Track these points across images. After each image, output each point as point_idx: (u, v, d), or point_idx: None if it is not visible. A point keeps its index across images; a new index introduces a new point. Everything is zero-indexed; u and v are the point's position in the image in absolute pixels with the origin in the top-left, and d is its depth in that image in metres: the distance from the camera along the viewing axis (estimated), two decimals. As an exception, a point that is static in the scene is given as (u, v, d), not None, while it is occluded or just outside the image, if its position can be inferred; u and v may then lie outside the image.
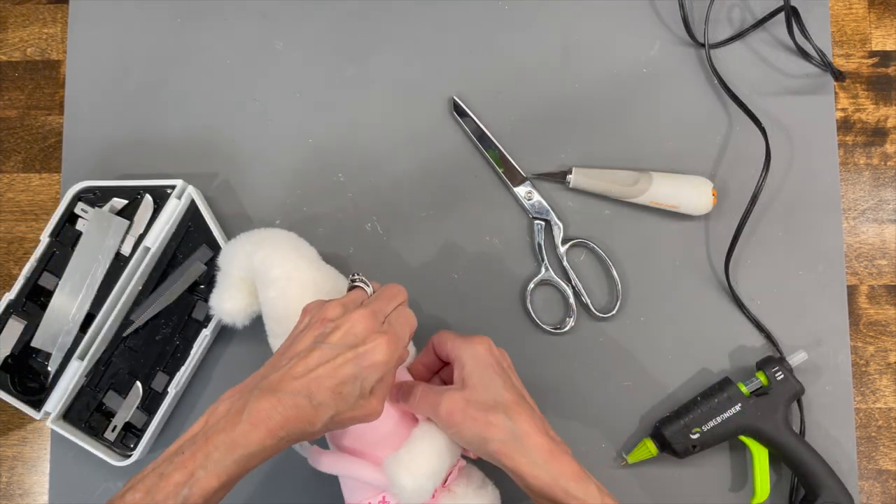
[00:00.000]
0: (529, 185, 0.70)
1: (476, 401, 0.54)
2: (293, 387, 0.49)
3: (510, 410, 0.53)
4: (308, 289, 0.60)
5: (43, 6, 0.75)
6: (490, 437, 0.53)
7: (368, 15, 0.73)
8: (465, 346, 0.56)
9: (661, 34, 0.72)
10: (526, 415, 0.54)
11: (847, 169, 0.72)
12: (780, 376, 0.65)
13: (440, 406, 0.54)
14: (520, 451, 0.52)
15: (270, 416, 0.48)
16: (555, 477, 0.52)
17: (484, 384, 0.54)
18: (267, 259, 0.60)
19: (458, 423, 0.54)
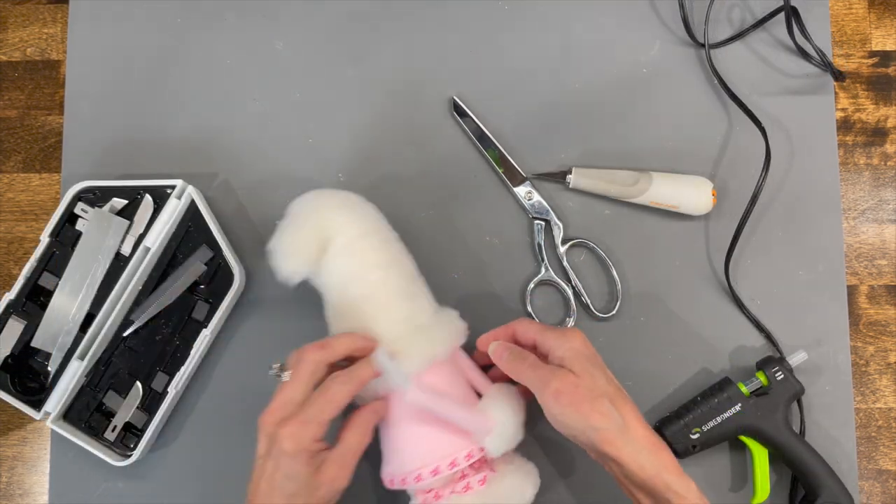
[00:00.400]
0: (529, 185, 0.70)
1: (584, 387, 0.54)
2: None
3: (616, 400, 0.54)
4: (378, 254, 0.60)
5: (43, 6, 0.75)
6: (597, 424, 0.53)
7: (368, 15, 0.73)
8: (562, 339, 0.57)
9: (661, 34, 0.73)
10: (630, 406, 0.55)
11: (847, 169, 0.72)
12: (780, 376, 0.65)
13: (551, 383, 0.55)
14: (625, 440, 0.53)
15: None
16: (658, 469, 0.53)
17: (590, 374, 0.55)
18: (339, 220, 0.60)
19: (565, 405, 0.54)
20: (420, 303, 0.61)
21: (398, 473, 0.59)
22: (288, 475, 0.53)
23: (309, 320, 0.70)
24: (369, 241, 0.61)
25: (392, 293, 0.60)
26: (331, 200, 0.62)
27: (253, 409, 0.69)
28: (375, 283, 0.60)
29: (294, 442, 0.53)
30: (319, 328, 0.70)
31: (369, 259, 0.60)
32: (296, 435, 0.53)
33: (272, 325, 0.70)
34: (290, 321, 0.70)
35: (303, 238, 0.60)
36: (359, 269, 0.60)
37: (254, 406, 0.69)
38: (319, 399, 0.55)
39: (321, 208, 0.61)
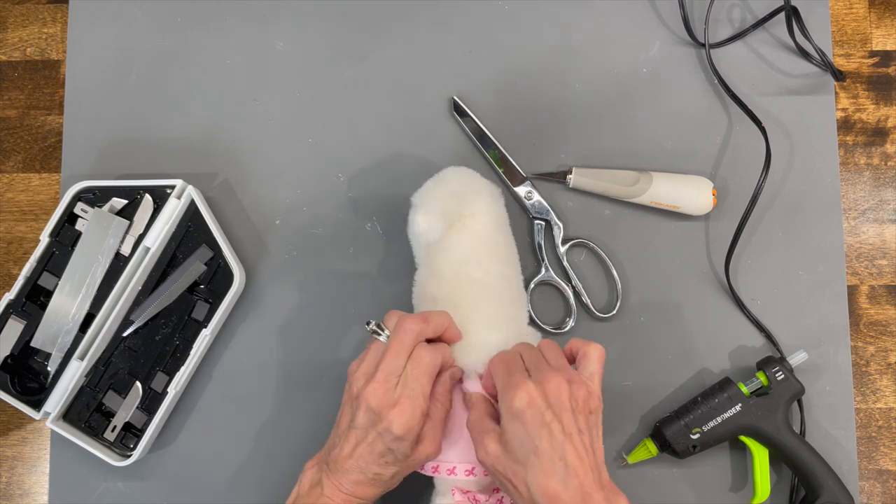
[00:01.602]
0: (529, 185, 0.70)
1: (508, 452, 0.53)
2: (347, 466, 0.55)
3: (533, 469, 0.51)
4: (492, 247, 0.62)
5: (43, 6, 0.75)
6: (512, 491, 0.54)
7: (368, 15, 0.73)
8: (504, 395, 0.55)
9: (661, 34, 0.72)
10: (546, 474, 0.51)
11: (847, 169, 0.72)
12: (781, 376, 0.65)
13: (479, 447, 0.55)
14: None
15: (341, 491, 0.55)
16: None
17: (517, 437, 0.53)
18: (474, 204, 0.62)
19: (490, 470, 0.55)
20: (517, 312, 0.63)
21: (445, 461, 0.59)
22: (393, 450, 0.55)
23: (309, 320, 0.70)
24: (503, 236, 0.63)
25: (502, 291, 0.62)
26: (481, 182, 0.64)
27: (253, 410, 0.69)
28: (494, 275, 0.61)
29: (405, 426, 0.54)
30: (319, 328, 0.70)
31: (497, 251, 0.62)
32: (407, 418, 0.54)
33: (272, 325, 0.70)
34: (289, 321, 0.70)
35: (448, 201, 0.62)
36: (485, 255, 0.61)
37: (254, 406, 0.69)
38: (419, 374, 0.56)
39: (473, 183, 0.63)
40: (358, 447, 0.55)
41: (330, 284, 0.70)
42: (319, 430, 0.67)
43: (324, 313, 0.70)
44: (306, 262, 0.70)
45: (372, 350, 0.58)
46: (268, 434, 0.69)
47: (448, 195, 0.62)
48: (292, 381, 0.69)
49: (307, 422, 0.69)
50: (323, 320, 0.70)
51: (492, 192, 0.64)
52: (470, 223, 0.62)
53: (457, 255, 0.61)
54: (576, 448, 0.52)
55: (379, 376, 0.55)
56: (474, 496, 0.58)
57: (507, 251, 0.64)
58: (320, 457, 0.58)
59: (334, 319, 0.69)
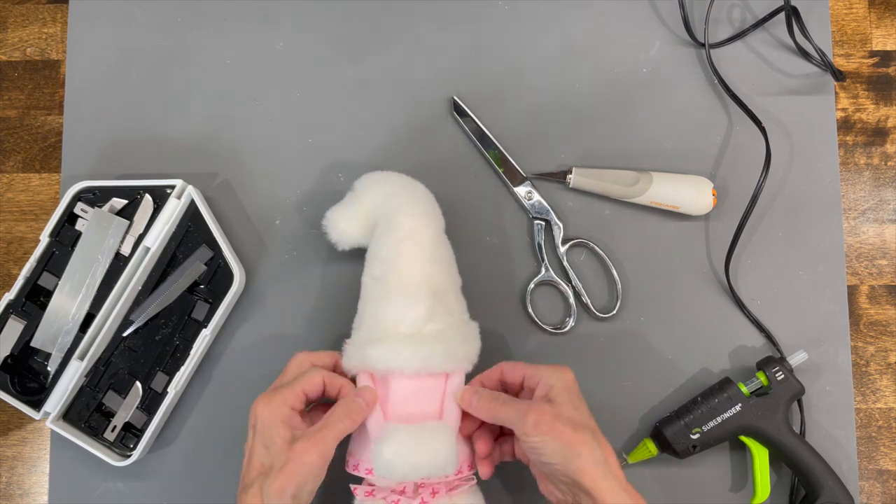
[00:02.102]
0: (529, 185, 0.70)
1: (565, 417, 0.54)
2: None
3: (597, 435, 0.54)
4: (425, 250, 0.61)
5: (43, 6, 0.75)
6: (579, 452, 0.53)
7: (368, 15, 0.73)
8: (552, 371, 0.57)
9: (661, 34, 0.73)
10: (608, 446, 0.54)
11: (847, 169, 0.72)
12: (781, 376, 0.65)
13: (528, 414, 0.54)
14: (604, 475, 0.52)
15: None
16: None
17: (573, 405, 0.55)
18: (403, 206, 0.61)
19: (545, 433, 0.53)
20: (418, 309, 0.59)
21: (355, 458, 0.59)
22: (263, 442, 0.55)
23: (309, 320, 0.70)
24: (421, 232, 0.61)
25: (401, 285, 0.59)
26: (391, 181, 0.64)
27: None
28: (390, 268, 0.60)
29: (266, 405, 0.55)
30: (319, 328, 0.70)
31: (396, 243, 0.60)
32: (268, 399, 0.56)
33: (272, 325, 0.70)
34: (290, 321, 0.70)
35: (356, 211, 0.63)
36: (384, 250, 0.60)
37: (254, 406, 0.69)
38: (292, 371, 0.59)
39: (379, 190, 0.63)
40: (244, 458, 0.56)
41: (330, 284, 0.70)
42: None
43: (324, 313, 0.70)
44: (306, 262, 0.70)
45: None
46: None
47: (360, 201, 0.63)
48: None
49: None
50: (323, 320, 0.70)
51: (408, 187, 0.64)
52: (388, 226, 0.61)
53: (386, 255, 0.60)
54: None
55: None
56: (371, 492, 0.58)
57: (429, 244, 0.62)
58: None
59: (334, 319, 0.69)
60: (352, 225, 0.63)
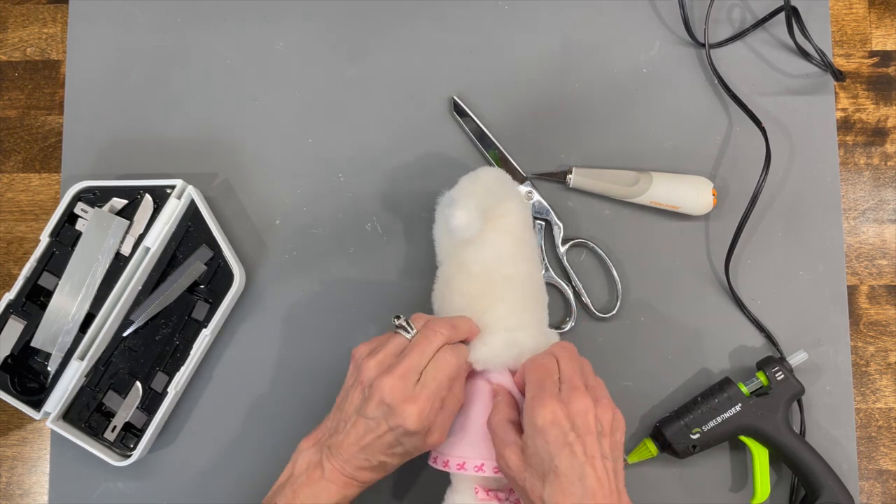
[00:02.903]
0: (529, 185, 0.70)
1: (528, 466, 0.54)
2: (352, 452, 0.55)
3: (551, 487, 0.52)
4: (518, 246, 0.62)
5: (43, 6, 0.75)
6: (527, 501, 0.54)
7: (368, 15, 0.73)
8: (533, 408, 0.54)
9: (661, 34, 0.72)
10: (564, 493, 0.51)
11: (847, 169, 0.72)
12: (781, 376, 0.65)
13: (500, 457, 0.56)
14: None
15: (343, 475, 0.56)
16: None
17: (538, 453, 0.53)
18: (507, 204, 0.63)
19: (510, 478, 0.55)
20: (542, 312, 0.63)
21: (447, 454, 0.59)
22: (403, 443, 0.55)
23: (309, 320, 0.70)
24: (529, 236, 0.64)
25: (529, 290, 0.62)
26: (512, 182, 0.66)
27: (253, 410, 0.69)
28: (523, 274, 0.62)
29: (420, 423, 0.54)
30: (319, 328, 0.70)
31: (525, 251, 0.63)
32: (424, 416, 0.55)
33: (272, 325, 0.70)
34: (290, 321, 0.70)
35: (484, 199, 0.62)
36: (515, 254, 0.62)
37: (254, 406, 0.69)
38: (442, 376, 0.56)
39: (506, 183, 0.65)
40: (366, 436, 0.55)
41: (330, 284, 0.70)
42: (319, 430, 0.67)
43: (324, 313, 0.70)
44: (306, 262, 0.70)
45: (390, 344, 0.57)
46: (268, 434, 0.69)
47: (484, 193, 0.62)
48: (292, 381, 0.69)
49: (307, 422, 0.69)
50: (323, 320, 0.70)
51: (520, 193, 0.68)
52: (503, 222, 0.62)
53: (490, 252, 0.61)
54: (596, 471, 0.52)
55: (398, 371, 0.55)
56: (496, 494, 0.59)
57: (533, 251, 0.64)
58: (318, 438, 0.58)
59: (334, 319, 0.69)
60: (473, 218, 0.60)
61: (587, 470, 0.51)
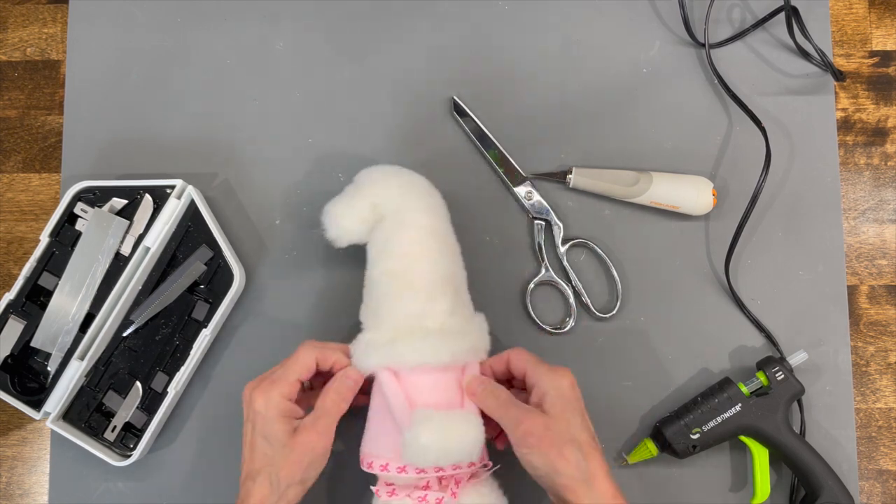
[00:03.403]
0: (529, 185, 0.70)
1: (555, 431, 0.54)
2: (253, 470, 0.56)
3: (584, 450, 0.53)
4: (443, 246, 0.61)
5: (43, 6, 0.75)
6: (562, 470, 0.53)
7: (368, 15, 0.73)
8: (550, 377, 0.56)
9: (661, 34, 0.73)
10: (598, 458, 0.54)
11: (847, 169, 0.72)
12: (781, 376, 0.65)
13: (521, 423, 0.54)
14: (587, 491, 0.52)
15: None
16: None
17: (565, 418, 0.54)
18: (416, 202, 0.61)
19: (532, 447, 0.54)
20: (443, 304, 0.59)
21: (369, 455, 0.59)
22: (264, 435, 0.55)
23: (308, 320, 0.70)
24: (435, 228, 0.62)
25: (424, 280, 0.59)
26: (398, 176, 0.63)
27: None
28: (411, 264, 0.60)
29: (263, 399, 0.56)
30: (319, 328, 0.70)
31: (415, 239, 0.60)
32: (265, 392, 0.56)
33: (272, 325, 0.70)
34: (289, 321, 0.70)
35: (360, 207, 0.61)
36: (401, 246, 0.60)
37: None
38: (287, 362, 0.58)
39: (387, 184, 0.62)
40: (244, 449, 0.57)
41: (330, 284, 0.70)
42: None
43: (323, 313, 0.70)
44: (306, 262, 0.70)
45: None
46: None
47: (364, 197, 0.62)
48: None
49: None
50: (322, 320, 0.70)
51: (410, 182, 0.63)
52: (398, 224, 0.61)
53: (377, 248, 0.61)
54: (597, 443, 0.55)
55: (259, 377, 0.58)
56: (394, 490, 0.58)
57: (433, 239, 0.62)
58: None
59: (334, 319, 0.69)
60: (355, 221, 0.62)
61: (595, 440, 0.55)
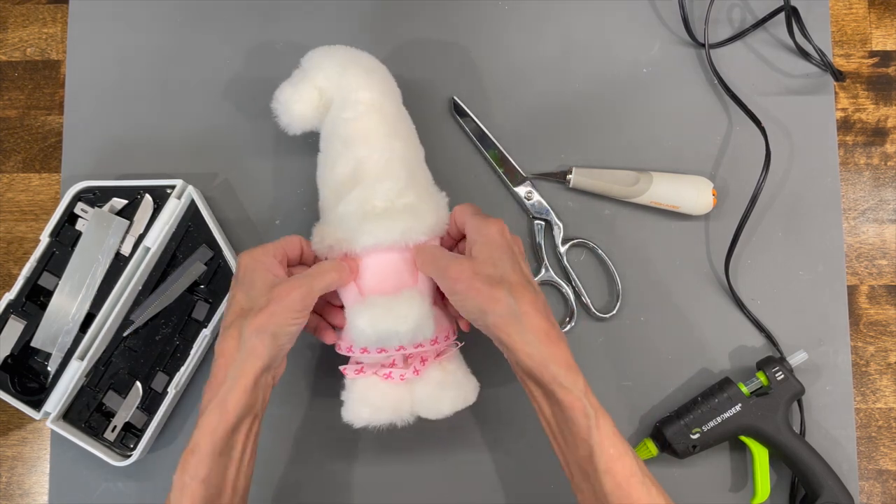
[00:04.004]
0: (529, 185, 0.70)
1: (483, 273, 0.54)
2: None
3: (514, 289, 0.54)
4: (387, 122, 0.61)
5: (43, 6, 0.75)
6: (490, 310, 0.54)
7: (368, 14, 0.73)
8: (479, 224, 0.57)
9: (661, 34, 0.72)
10: (529, 296, 0.54)
11: (847, 169, 0.72)
12: (781, 376, 0.65)
13: (448, 270, 0.56)
14: (517, 328, 0.53)
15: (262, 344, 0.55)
16: (545, 360, 0.53)
17: (492, 261, 0.55)
18: (359, 79, 0.60)
19: (462, 292, 0.55)
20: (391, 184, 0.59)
21: (340, 339, 0.61)
22: (245, 288, 0.56)
23: (309, 320, 0.70)
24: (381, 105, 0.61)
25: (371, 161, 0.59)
26: (345, 55, 0.62)
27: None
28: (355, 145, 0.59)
29: (250, 257, 0.57)
30: (319, 328, 0.70)
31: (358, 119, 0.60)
32: (252, 252, 0.57)
33: (272, 325, 0.70)
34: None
35: (308, 89, 0.61)
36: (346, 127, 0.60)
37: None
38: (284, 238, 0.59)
39: (332, 63, 0.61)
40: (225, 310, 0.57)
41: (330, 284, 0.70)
42: (319, 429, 0.67)
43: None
44: (306, 262, 0.70)
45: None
46: (267, 433, 0.69)
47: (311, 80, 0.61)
48: (291, 380, 0.69)
49: (306, 421, 0.69)
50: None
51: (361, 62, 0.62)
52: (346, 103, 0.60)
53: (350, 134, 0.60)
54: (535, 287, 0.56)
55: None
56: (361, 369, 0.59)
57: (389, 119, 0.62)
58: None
59: (334, 319, 0.69)
60: (306, 105, 0.61)
61: (530, 280, 0.56)
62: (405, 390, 0.59)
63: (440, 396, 0.59)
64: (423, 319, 0.58)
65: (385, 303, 0.58)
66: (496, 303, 0.53)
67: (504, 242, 0.57)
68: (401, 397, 0.59)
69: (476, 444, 0.68)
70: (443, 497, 0.68)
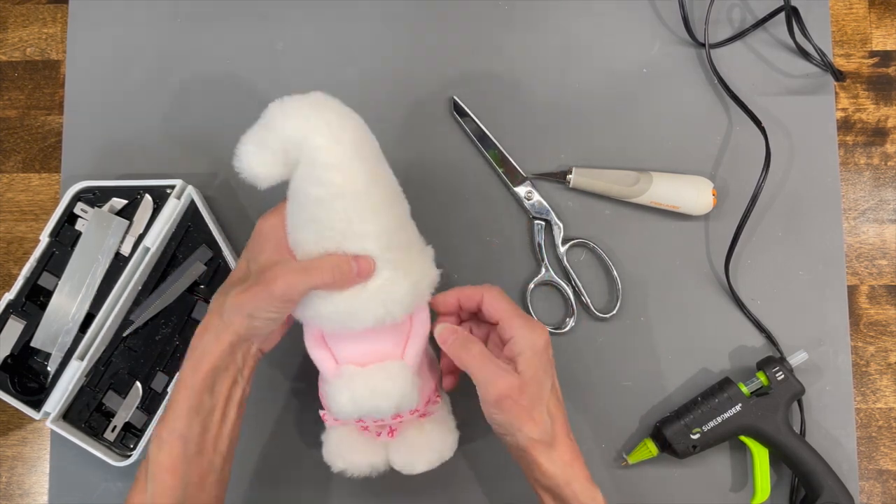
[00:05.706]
0: (529, 185, 0.70)
1: (528, 393, 0.54)
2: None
3: (552, 411, 0.55)
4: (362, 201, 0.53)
5: (43, 6, 0.75)
6: (527, 430, 0.54)
7: (368, 15, 0.73)
8: (527, 333, 0.55)
9: (661, 34, 0.72)
10: (562, 419, 0.55)
11: (847, 169, 0.72)
12: (781, 376, 0.65)
13: (496, 385, 0.54)
14: (547, 451, 0.54)
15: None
16: (569, 479, 0.54)
17: (538, 380, 0.54)
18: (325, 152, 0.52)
19: (507, 409, 0.54)
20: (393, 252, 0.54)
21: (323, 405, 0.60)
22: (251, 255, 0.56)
23: (309, 320, 0.70)
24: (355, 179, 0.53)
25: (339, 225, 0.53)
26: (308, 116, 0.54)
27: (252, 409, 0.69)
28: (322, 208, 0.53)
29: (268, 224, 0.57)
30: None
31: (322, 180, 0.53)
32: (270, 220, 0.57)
33: (272, 325, 0.70)
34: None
35: (273, 150, 0.54)
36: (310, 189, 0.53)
37: (253, 405, 0.69)
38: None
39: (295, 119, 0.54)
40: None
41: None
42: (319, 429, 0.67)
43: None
44: (306, 262, 0.70)
45: None
46: (267, 433, 0.69)
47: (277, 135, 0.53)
48: (291, 380, 0.69)
49: (306, 421, 0.69)
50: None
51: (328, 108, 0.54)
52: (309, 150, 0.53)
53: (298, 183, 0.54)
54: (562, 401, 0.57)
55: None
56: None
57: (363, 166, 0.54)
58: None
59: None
60: (269, 169, 0.54)
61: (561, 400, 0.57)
62: (381, 445, 0.59)
63: (415, 458, 0.59)
64: (407, 394, 0.55)
65: (367, 380, 0.55)
66: (535, 425, 0.53)
67: (549, 357, 0.56)
68: (376, 451, 0.59)
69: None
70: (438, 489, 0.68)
